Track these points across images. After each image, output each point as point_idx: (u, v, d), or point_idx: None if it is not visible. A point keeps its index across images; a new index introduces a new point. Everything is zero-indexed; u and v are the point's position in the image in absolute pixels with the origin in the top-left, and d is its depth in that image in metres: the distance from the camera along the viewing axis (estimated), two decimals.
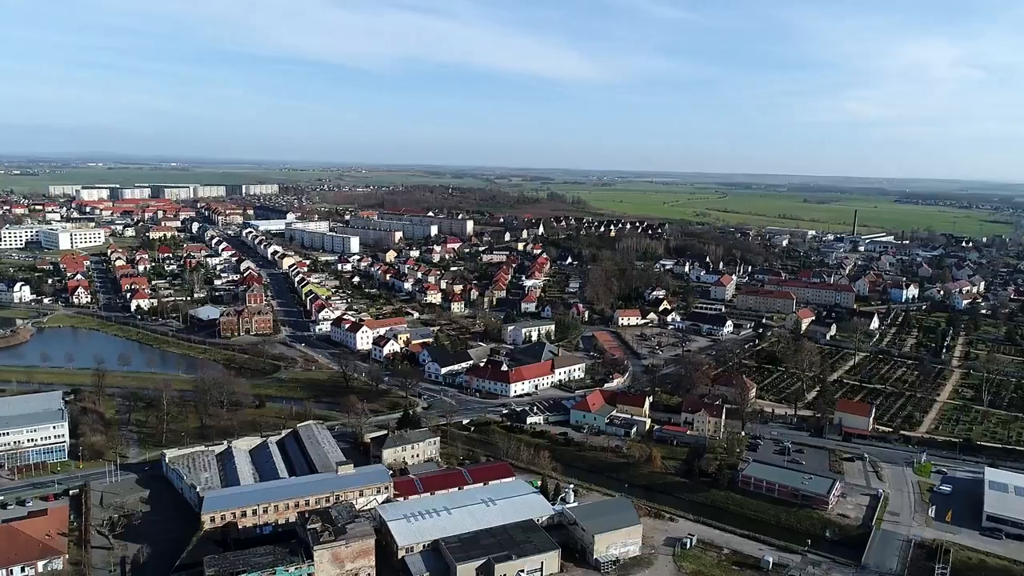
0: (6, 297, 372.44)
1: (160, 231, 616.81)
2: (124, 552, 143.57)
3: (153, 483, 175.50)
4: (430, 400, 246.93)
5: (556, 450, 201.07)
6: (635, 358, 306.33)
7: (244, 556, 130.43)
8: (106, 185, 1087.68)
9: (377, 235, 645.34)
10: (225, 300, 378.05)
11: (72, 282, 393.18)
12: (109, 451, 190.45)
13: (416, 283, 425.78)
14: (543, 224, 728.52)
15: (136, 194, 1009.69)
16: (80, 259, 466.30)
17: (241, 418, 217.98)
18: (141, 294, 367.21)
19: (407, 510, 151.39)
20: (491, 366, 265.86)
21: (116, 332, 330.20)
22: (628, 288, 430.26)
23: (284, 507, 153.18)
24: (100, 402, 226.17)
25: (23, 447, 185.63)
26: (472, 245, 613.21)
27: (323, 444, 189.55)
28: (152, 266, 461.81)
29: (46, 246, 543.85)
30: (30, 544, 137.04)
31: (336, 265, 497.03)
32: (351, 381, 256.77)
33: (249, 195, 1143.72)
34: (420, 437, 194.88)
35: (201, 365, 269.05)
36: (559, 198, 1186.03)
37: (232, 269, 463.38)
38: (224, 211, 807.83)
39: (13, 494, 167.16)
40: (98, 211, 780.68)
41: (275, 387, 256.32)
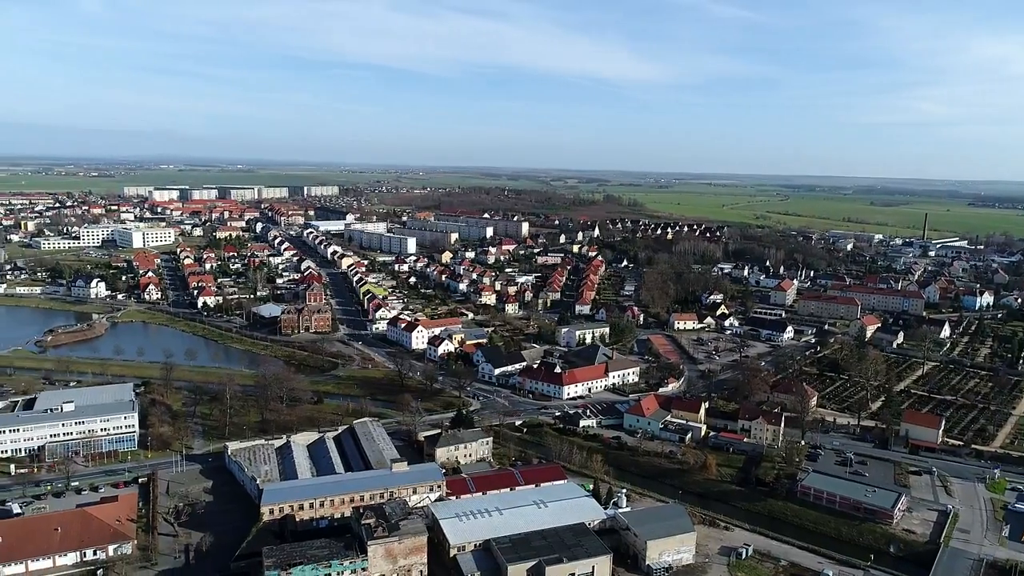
0: (84, 293, 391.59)
1: (226, 231, 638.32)
2: (188, 540, 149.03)
3: (216, 474, 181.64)
4: (483, 400, 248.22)
5: (609, 454, 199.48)
6: (691, 363, 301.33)
7: (301, 548, 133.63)
8: (176, 186, 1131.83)
9: (433, 236, 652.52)
10: (286, 298, 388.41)
11: (144, 279, 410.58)
12: (175, 442, 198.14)
13: (471, 284, 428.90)
14: (599, 226, 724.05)
15: (204, 195, 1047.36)
16: (151, 257, 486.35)
17: (300, 413, 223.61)
18: (207, 291, 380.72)
19: (459, 509, 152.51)
20: (544, 368, 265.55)
21: (184, 328, 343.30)
22: (685, 292, 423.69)
23: (340, 502, 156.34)
24: (168, 395, 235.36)
25: (97, 436, 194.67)
26: (527, 247, 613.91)
27: (378, 441, 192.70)
28: (218, 265, 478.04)
29: (121, 244, 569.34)
30: (102, 529, 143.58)
31: (393, 265, 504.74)
32: (406, 380, 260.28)
33: (311, 196, 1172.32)
34: (473, 437, 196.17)
35: (262, 361, 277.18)
36: (615, 200, 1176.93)
37: (293, 268, 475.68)
38: (287, 212, 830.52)
39: (87, 480, 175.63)
40: (169, 211, 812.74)
41: (333, 384, 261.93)
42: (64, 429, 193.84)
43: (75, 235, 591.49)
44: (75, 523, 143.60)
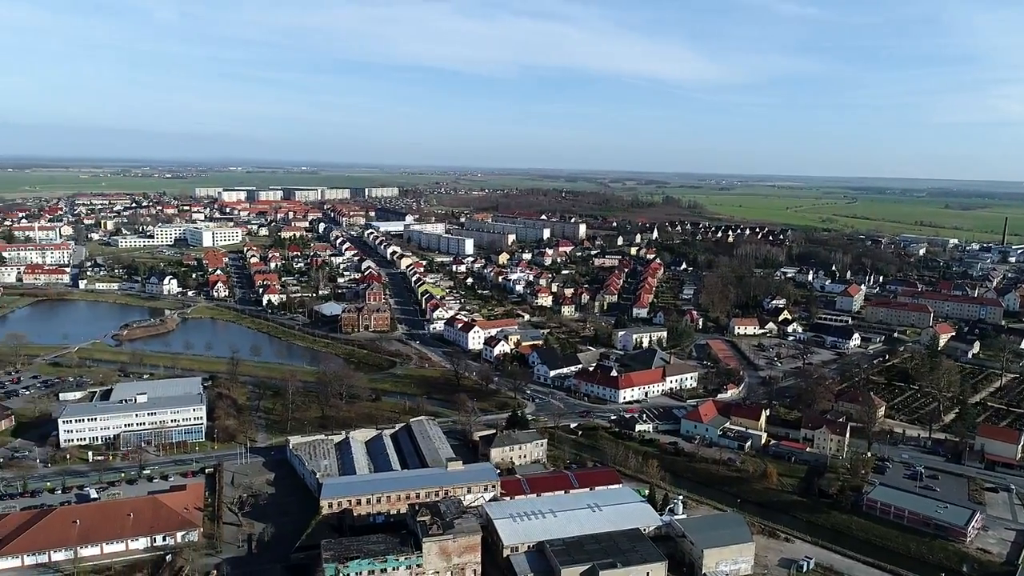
0: (157, 289, 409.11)
1: (290, 231, 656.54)
2: (251, 529, 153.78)
3: (278, 467, 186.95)
4: (538, 402, 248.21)
5: (665, 459, 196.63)
6: (751, 369, 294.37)
7: (358, 542, 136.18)
8: (244, 188, 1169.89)
9: (491, 237, 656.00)
10: (347, 297, 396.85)
11: (213, 277, 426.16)
12: (240, 435, 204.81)
13: (527, 285, 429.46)
14: (657, 228, 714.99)
15: (270, 196, 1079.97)
16: (220, 256, 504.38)
17: (358, 410, 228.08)
18: (272, 290, 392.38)
19: (513, 509, 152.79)
20: (600, 371, 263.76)
21: (249, 324, 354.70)
22: (746, 296, 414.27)
23: (396, 498, 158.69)
24: (234, 389, 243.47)
25: (167, 427, 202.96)
26: (584, 249, 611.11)
27: (434, 440, 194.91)
28: (282, 264, 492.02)
29: (192, 243, 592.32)
30: (171, 516, 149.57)
31: (451, 266, 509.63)
32: (462, 380, 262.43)
33: (371, 197, 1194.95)
34: (528, 438, 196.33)
35: (323, 358, 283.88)
36: (674, 202, 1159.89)
37: (354, 268, 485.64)
38: (348, 212, 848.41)
39: (158, 469, 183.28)
40: (237, 212, 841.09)
41: (390, 382, 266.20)
42: (137, 420, 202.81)
43: (150, 234, 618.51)
44: (147, 509, 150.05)
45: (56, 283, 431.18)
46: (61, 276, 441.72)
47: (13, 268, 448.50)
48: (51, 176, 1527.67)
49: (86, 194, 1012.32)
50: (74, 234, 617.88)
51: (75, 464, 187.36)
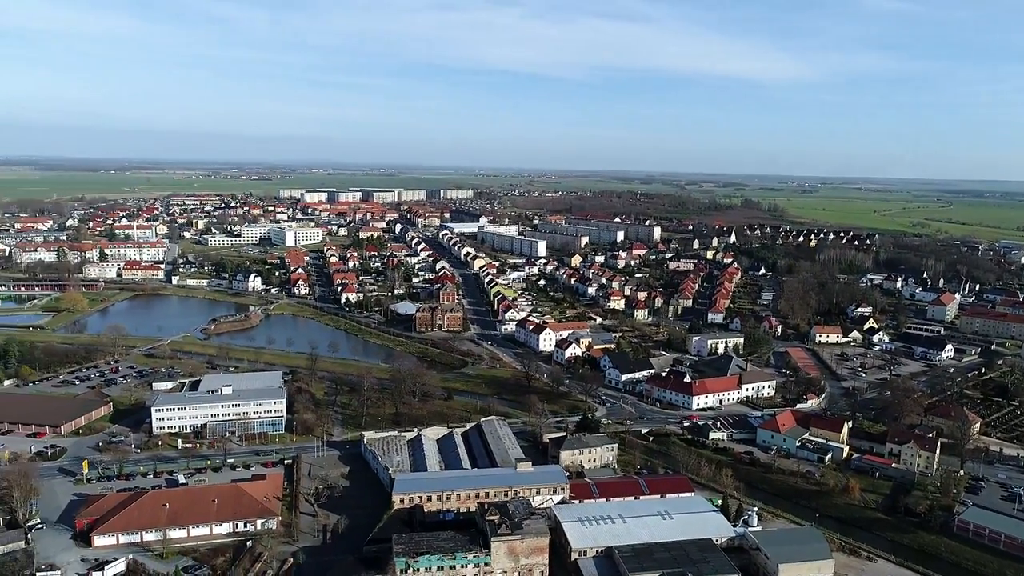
0: (242, 286, 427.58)
1: (368, 231, 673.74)
2: (326, 520, 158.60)
3: (352, 461, 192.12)
4: (609, 406, 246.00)
5: (740, 469, 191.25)
6: (833, 379, 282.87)
7: (428, 538, 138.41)
8: (325, 189, 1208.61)
9: (564, 239, 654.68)
10: (421, 297, 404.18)
11: (294, 275, 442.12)
12: (318, 428, 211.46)
13: (600, 288, 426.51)
14: (735, 232, 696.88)
15: (349, 197, 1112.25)
16: (301, 255, 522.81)
17: (430, 408, 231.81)
18: (350, 288, 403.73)
19: (582, 513, 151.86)
20: (673, 376, 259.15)
21: (327, 322, 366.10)
22: (828, 303, 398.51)
23: (465, 496, 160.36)
24: (312, 384, 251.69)
25: (250, 418, 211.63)
26: (659, 252, 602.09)
27: (504, 440, 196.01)
28: (360, 263, 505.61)
29: (275, 243, 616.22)
30: (252, 504, 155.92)
31: (523, 267, 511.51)
32: (533, 381, 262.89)
33: (446, 199, 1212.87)
34: (598, 442, 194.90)
35: (397, 356, 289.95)
36: (753, 205, 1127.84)
37: (428, 268, 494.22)
38: (424, 214, 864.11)
39: (240, 458, 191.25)
40: (318, 212, 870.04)
41: (462, 382, 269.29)
42: (223, 410, 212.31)
43: (237, 233, 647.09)
44: (230, 496, 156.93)
45: (151, 279, 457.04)
46: (156, 272, 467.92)
47: (114, 264, 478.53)
48: (148, 178, 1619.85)
49: (180, 195, 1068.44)
50: (168, 233, 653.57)
51: (166, 450, 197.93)
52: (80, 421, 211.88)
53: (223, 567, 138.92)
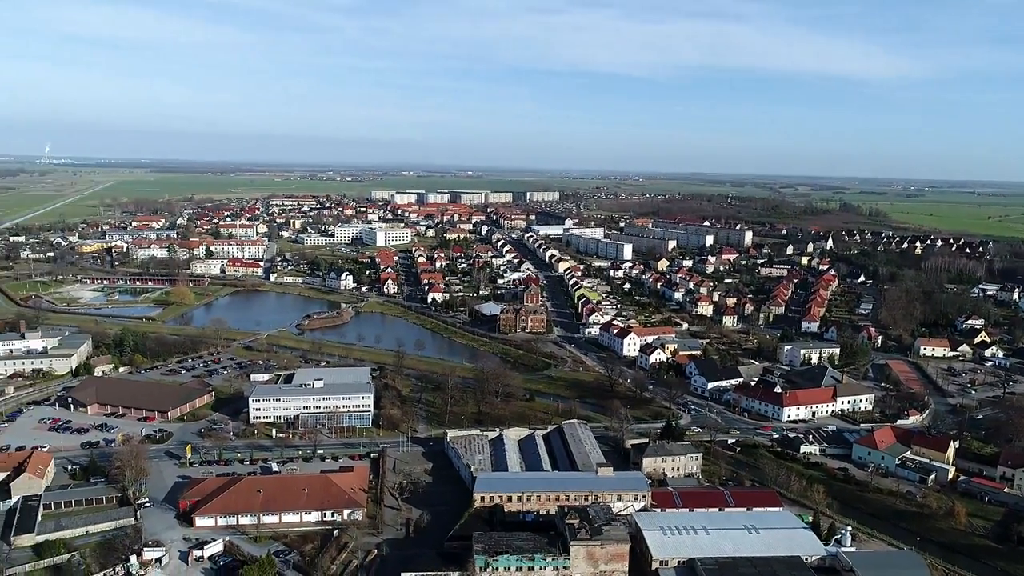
0: (335, 284, 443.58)
1: (455, 233, 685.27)
2: (409, 514, 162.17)
3: (435, 457, 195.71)
4: (694, 414, 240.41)
5: (833, 486, 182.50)
6: (939, 395, 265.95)
7: (508, 538, 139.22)
8: (415, 191, 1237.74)
9: (650, 243, 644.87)
10: (506, 298, 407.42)
11: (383, 274, 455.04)
12: (403, 424, 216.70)
13: (687, 293, 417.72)
14: (832, 237, 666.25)
15: (437, 199, 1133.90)
16: (391, 255, 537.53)
17: (513, 409, 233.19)
18: (436, 288, 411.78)
19: (663, 522, 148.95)
20: (763, 386, 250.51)
21: (414, 320, 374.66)
22: (934, 314, 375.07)
23: (546, 498, 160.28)
24: (398, 380, 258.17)
25: (339, 411, 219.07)
26: (750, 257, 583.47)
27: (585, 444, 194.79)
28: (447, 264, 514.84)
29: (366, 242, 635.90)
30: (340, 495, 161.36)
31: (608, 271, 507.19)
32: (616, 386, 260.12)
33: (532, 201, 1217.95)
34: (682, 450, 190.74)
35: (481, 356, 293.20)
36: (853, 209, 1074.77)
37: (513, 270, 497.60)
38: (509, 216, 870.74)
39: (329, 450, 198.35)
40: (407, 213, 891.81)
41: (544, 383, 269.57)
42: (314, 403, 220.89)
43: (330, 233, 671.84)
44: (319, 486, 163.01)
45: (251, 275, 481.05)
46: (256, 269, 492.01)
47: (218, 261, 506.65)
48: (251, 180, 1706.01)
49: (279, 196, 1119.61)
50: (268, 232, 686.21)
51: (261, 439, 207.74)
52: (185, 408, 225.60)
53: (311, 554, 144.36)
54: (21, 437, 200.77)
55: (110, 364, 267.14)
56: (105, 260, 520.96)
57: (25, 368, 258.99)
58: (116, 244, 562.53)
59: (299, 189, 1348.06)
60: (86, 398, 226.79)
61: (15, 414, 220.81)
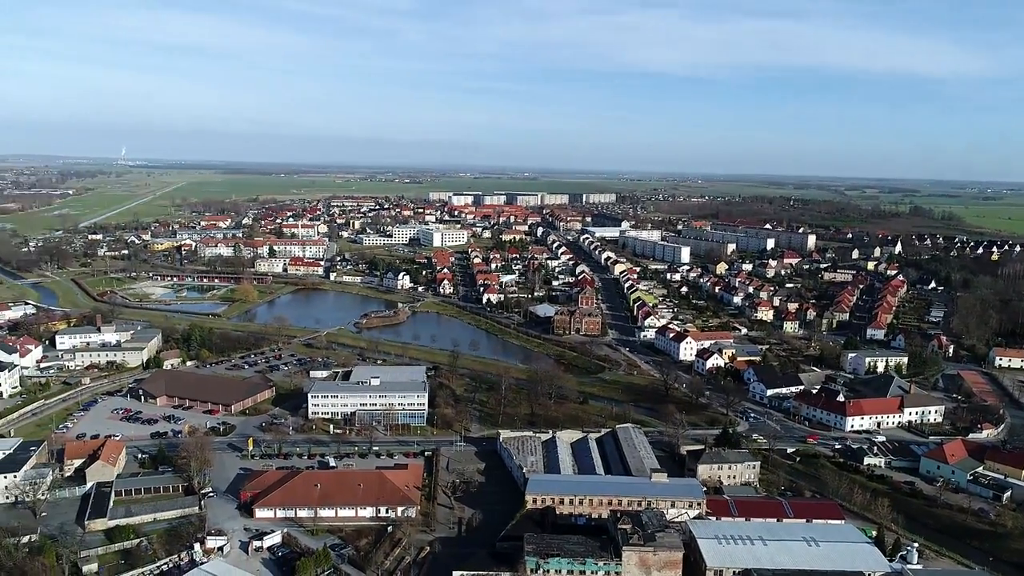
0: (392, 284, 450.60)
1: (510, 234, 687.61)
2: (461, 513, 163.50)
3: (488, 457, 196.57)
4: (752, 421, 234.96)
5: (899, 500, 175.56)
6: (1016, 408, 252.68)
7: (559, 541, 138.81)
8: (471, 192, 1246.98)
9: (708, 246, 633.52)
10: (560, 300, 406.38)
11: (440, 275, 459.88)
12: (456, 423, 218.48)
13: (746, 298, 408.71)
14: (901, 242, 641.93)
15: (494, 200, 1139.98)
16: (447, 255, 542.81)
17: (566, 411, 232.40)
18: (491, 289, 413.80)
19: (718, 531, 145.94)
20: (825, 394, 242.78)
21: (469, 321, 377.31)
22: (1011, 323, 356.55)
23: (598, 502, 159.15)
24: (453, 380, 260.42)
25: (395, 409, 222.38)
26: (813, 261, 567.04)
27: (639, 448, 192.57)
28: (502, 265, 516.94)
29: (423, 243, 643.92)
30: (394, 491, 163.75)
31: (665, 274, 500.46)
32: (671, 390, 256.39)
33: (588, 203, 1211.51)
34: (739, 458, 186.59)
35: (535, 358, 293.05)
36: (924, 213, 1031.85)
37: (568, 272, 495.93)
38: (565, 217, 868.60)
39: (384, 447, 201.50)
40: (463, 215, 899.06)
41: (598, 386, 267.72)
42: (370, 400, 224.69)
43: (389, 233, 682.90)
44: (374, 483, 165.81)
45: (312, 274, 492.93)
46: (316, 268, 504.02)
47: (280, 260, 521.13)
48: (312, 181, 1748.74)
49: (339, 197, 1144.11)
50: (328, 232, 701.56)
51: (319, 434, 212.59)
52: (248, 402, 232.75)
53: (366, 548, 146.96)
54: (96, 426, 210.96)
55: (178, 358, 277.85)
56: (175, 258, 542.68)
57: (100, 360, 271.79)
58: (185, 243, 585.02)
59: (359, 190, 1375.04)
60: (156, 390, 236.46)
61: (90, 404, 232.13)
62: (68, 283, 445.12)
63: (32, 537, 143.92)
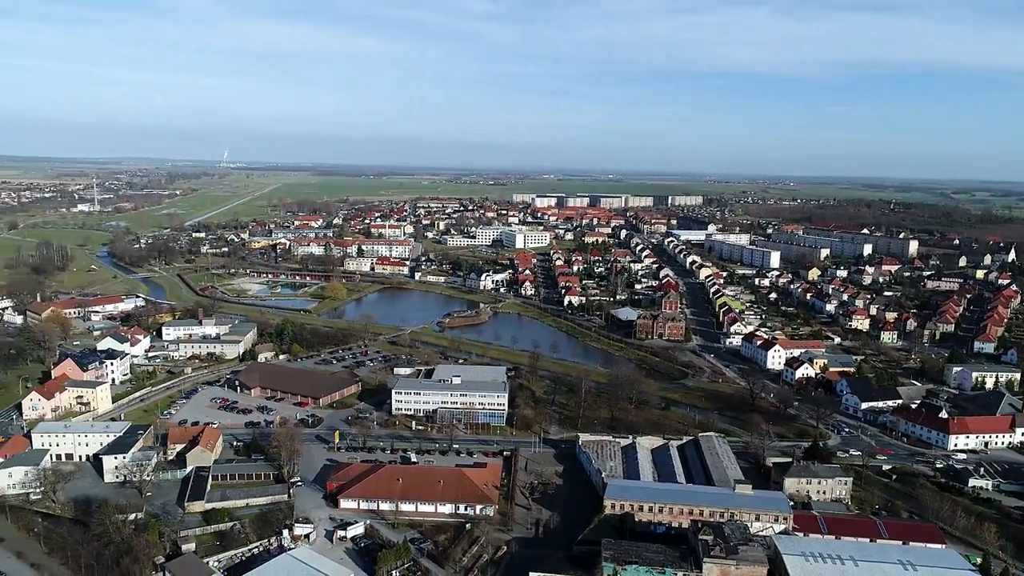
0: (474, 284, 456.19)
1: (593, 236, 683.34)
2: (539, 515, 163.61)
3: (566, 460, 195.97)
4: (845, 435, 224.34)
5: (1008, 526, 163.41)
6: None
7: (637, 548, 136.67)
8: (555, 194, 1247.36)
9: (800, 251, 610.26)
10: (643, 304, 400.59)
11: (521, 276, 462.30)
12: (535, 425, 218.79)
13: (840, 305, 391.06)
14: (1015, 249, 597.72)
15: (577, 203, 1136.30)
16: (529, 257, 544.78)
17: (646, 417, 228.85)
18: (573, 291, 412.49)
19: (806, 548, 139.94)
20: (926, 410, 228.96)
21: (550, 323, 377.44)
22: None
23: (678, 511, 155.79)
24: (533, 381, 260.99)
25: (475, 408, 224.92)
26: (914, 268, 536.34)
27: (722, 458, 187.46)
28: (584, 267, 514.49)
29: (506, 244, 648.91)
30: (473, 489, 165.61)
31: (753, 279, 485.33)
32: (757, 400, 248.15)
33: (674, 206, 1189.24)
34: (829, 473, 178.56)
35: (616, 362, 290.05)
36: None
37: (652, 275, 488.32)
38: (649, 220, 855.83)
39: (464, 445, 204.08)
40: (546, 217, 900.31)
41: (680, 393, 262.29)
42: (452, 399, 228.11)
43: (472, 235, 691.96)
44: (454, 480, 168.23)
45: (397, 274, 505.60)
46: (402, 268, 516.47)
47: (368, 259, 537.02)
48: (400, 182, 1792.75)
49: (426, 198, 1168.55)
50: (414, 232, 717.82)
51: (401, 430, 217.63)
52: (335, 396, 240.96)
53: (444, 544, 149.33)
54: (196, 413, 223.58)
55: (272, 351, 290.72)
56: (270, 256, 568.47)
57: (201, 351, 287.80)
58: (280, 241, 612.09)
59: (444, 192, 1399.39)
60: (250, 381, 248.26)
61: (191, 392, 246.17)
62: (174, 278, 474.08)
63: (138, 515, 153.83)
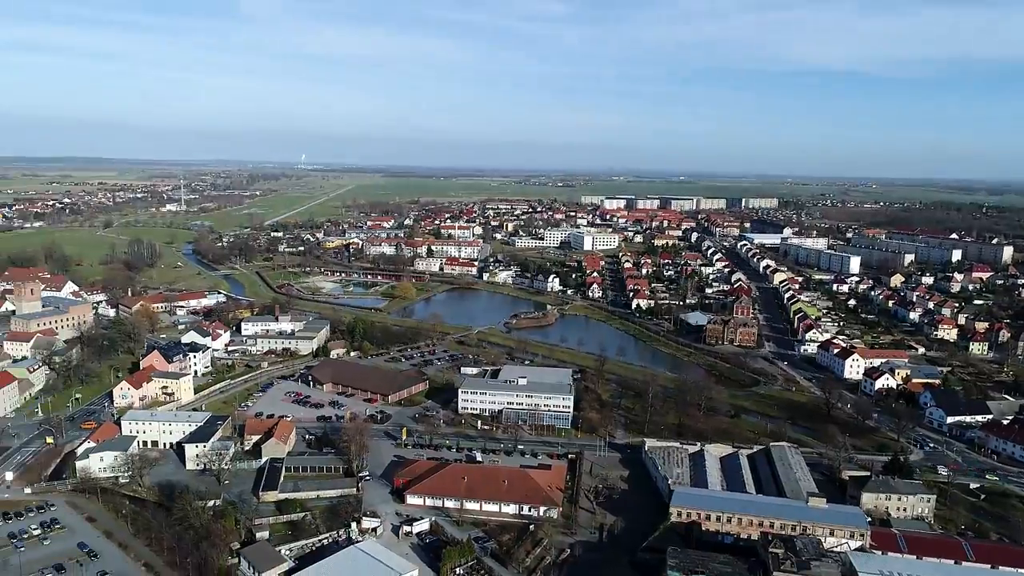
0: (542, 286, 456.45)
1: (663, 239, 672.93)
2: (603, 519, 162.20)
3: (631, 465, 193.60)
4: (928, 451, 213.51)
5: None
6: None
7: (704, 558, 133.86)
8: (624, 196, 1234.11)
9: (882, 256, 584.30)
10: (713, 308, 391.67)
11: (589, 278, 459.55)
12: (601, 428, 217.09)
13: (925, 314, 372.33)
14: None
15: (647, 204, 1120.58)
16: (597, 259, 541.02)
17: (715, 424, 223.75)
18: (641, 295, 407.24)
19: (884, 566, 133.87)
20: (1019, 426, 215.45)
21: (617, 326, 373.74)
22: None
23: (747, 522, 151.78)
24: (599, 384, 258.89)
25: (540, 410, 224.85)
26: (1009, 276, 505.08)
27: (795, 469, 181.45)
28: (653, 270, 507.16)
29: (574, 246, 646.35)
30: (537, 490, 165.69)
31: (831, 285, 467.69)
32: (833, 410, 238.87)
33: (747, 208, 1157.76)
34: (910, 489, 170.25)
35: (685, 367, 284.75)
36: None
37: (723, 279, 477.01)
38: (721, 223, 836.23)
39: (529, 447, 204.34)
40: (615, 219, 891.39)
41: (751, 401, 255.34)
42: (517, 400, 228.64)
43: (540, 236, 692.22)
44: (518, 480, 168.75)
45: (466, 274, 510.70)
46: (470, 269, 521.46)
47: (437, 260, 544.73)
48: (469, 183, 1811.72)
49: (495, 199, 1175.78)
50: (483, 233, 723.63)
51: (467, 429, 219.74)
52: (403, 394, 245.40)
53: (508, 544, 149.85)
54: (271, 406, 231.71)
55: (343, 348, 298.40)
56: (343, 255, 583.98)
57: (277, 347, 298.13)
58: (353, 241, 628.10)
59: (513, 193, 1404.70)
60: (323, 377, 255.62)
61: (267, 386, 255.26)
62: (253, 275, 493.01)
63: (216, 502, 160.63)
